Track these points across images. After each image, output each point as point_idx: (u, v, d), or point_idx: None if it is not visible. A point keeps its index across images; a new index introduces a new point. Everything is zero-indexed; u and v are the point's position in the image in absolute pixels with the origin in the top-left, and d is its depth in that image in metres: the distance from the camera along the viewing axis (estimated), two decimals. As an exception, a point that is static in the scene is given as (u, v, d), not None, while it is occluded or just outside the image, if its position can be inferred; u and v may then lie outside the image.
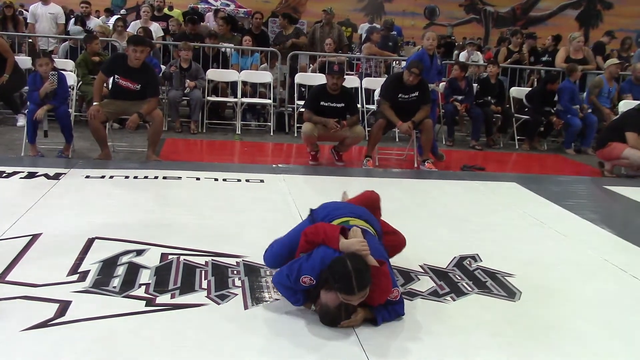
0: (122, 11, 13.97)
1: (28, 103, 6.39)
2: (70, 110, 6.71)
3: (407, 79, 6.54)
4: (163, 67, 8.51)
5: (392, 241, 3.36)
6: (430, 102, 6.90)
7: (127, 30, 9.86)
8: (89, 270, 3.28)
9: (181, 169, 5.83)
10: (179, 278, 3.26)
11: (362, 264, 2.71)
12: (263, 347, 2.63)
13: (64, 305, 2.86)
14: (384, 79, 8.08)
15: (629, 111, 7.29)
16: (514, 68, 9.79)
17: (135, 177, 5.43)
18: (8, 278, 3.14)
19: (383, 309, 2.86)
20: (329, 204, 3.35)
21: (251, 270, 3.41)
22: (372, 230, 3.08)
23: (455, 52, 13.18)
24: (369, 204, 3.43)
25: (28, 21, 9.64)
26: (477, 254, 3.88)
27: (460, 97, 8.51)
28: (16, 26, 9.56)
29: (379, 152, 6.98)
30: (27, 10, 11.04)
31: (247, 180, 5.56)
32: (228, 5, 16.80)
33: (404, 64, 8.36)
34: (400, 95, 6.63)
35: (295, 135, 8.25)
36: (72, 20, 10.84)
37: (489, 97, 8.72)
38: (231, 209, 4.65)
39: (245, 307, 2.97)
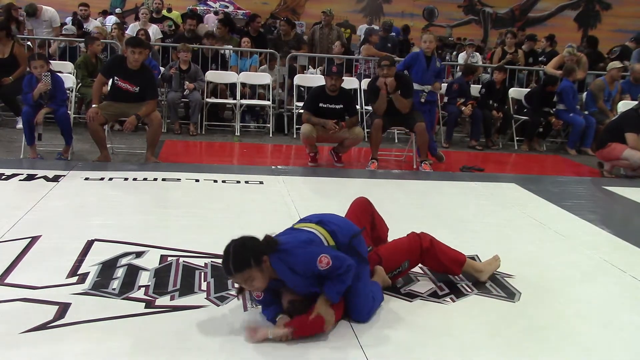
0: (117, 10, 13.97)
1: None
2: (69, 112, 6.71)
3: (379, 73, 6.52)
4: (162, 68, 8.51)
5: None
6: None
7: (127, 32, 9.88)
8: (89, 273, 3.28)
9: (180, 170, 5.83)
10: (178, 280, 3.26)
11: (243, 245, 2.66)
12: (262, 348, 2.63)
13: (64, 308, 2.86)
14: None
15: (628, 112, 7.29)
16: (512, 69, 9.80)
17: (135, 179, 5.43)
18: (7, 280, 3.14)
19: (330, 284, 2.75)
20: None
21: (251, 271, 3.40)
22: (317, 230, 2.90)
23: (454, 53, 13.20)
24: (358, 210, 3.40)
25: (27, 27, 9.67)
26: (477, 255, 3.88)
27: (462, 100, 8.53)
28: (18, 27, 9.60)
29: (377, 153, 6.98)
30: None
31: (247, 182, 5.56)
32: (227, 7, 16.81)
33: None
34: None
35: (295, 136, 8.25)
36: (70, 21, 10.88)
37: (491, 101, 8.73)
38: (230, 210, 4.65)
39: (245, 309, 2.96)
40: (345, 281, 2.77)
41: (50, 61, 6.69)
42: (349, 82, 8.47)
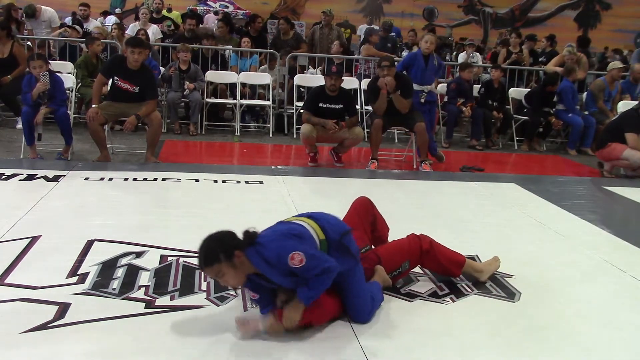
0: (117, 10, 13.97)
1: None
2: (69, 112, 6.71)
3: (379, 74, 6.53)
4: (162, 68, 8.52)
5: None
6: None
7: (127, 32, 9.88)
8: (89, 273, 3.28)
9: (180, 170, 5.83)
10: (178, 280, 3.26)
11: (215, 240, 2.65)
12: (262, 348, 2.63)
13: (64, 308, 2.86)
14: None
15: (628, 112, 7.30)
16: (514, 69, 9.82)
17: (135, 179, 5.43)
18: (7, 280, 3.14)
19: (304, 288, 2.69)
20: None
21: (251, 271, 3.40)
22: (306, 223, 2.83)
23: (454, 53, 13.19)
24: (360, 210, 3.38)
25: (26, 28, 9.68)
26: (477, 255, 3.87)
27: (462, 100, 8.55)
28: (18, 27, 9.61)
29: (377, 153, 6.98)
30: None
31: (247, 182, 5.56)
32: (227, 7, 16.79)
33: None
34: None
35: (295, 136, 8.25)
36: (70, 21, 10.88)
37: (490, 101, 8.74)
38: (230, 210, 4.65)
39: (245, 309, 2.96)
40: (320, 285, 2.68)
41: (50, 61, 6.69)
42: (349, 82, 8.47)
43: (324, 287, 2.72)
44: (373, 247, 3.40)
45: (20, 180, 5.17)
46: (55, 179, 5.22)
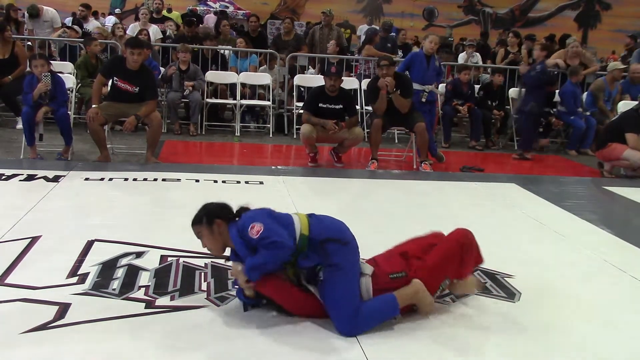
0: (117, 10, 13.97)
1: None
2: (69, 112, 6.71)
3: (379, 73, 6.54)
4: (162, 69, 8.52)
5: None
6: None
7: (127, 32, 9.89)
8: (89, 273, 3.28)
9: (180, 171, 5.83)
10: (178, 280, 3.26)
11: (209, 205, 2.94)
12: (263, 348, 2.63)
13: (64, 308, 2.86)
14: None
15: (628, 112, 7.29)
16: (513, 69, 9.81)
17: (135, 179, 5.43)
18: (7, 281, 3.14)
19: (251, 257, 2.71)
20: None
21: (251, 271, 3.40)
22: (297, 215, 2.85)
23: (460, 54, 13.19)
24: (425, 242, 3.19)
25: (27, 27, 9.68)
26: (477, 255, 3.87)
27: (460, 101, 8.55)
28: (18, 28, 9.61)
29: (377, 153, 6.98)
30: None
31: (247, 182, 5.56)
32: (227, 7, 16.81)
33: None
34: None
35: (295, 136, 8.25)
36: (70, 21, 10.89)
37: (489, 102, 8.75)
38: (230, 210, 4.65)
39: (245, 309, 2.96)
40: (265, 256, 2.65)
41: (51, 61, 6.68)
42: (349, 82, 8.47)
43: (267, 260, 2.67)
44: (407, 272, 2.99)
45: (20, 180, 5.17)
46: (55, 179, 5.23)
